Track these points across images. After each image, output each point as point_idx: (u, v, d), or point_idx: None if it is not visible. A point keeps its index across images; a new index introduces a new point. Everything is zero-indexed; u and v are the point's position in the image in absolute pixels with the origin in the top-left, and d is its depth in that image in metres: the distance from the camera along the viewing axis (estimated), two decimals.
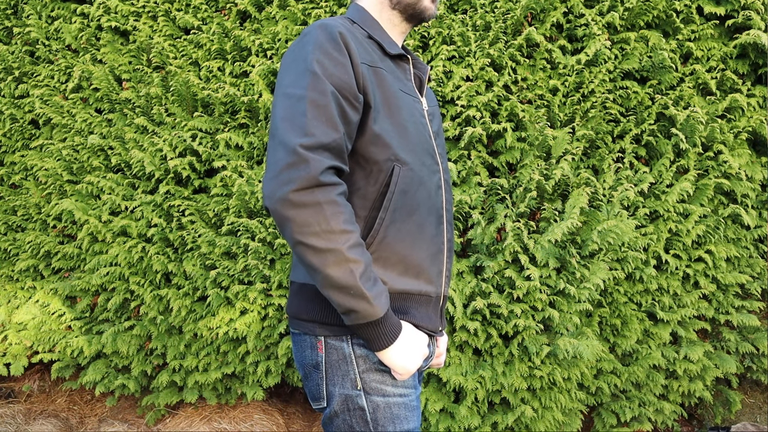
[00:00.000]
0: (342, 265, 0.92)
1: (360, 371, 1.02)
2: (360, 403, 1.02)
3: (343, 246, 0.92)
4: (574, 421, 2.48)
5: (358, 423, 1.02)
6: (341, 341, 1.03)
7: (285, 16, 2.57)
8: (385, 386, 1.03)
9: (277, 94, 1.01)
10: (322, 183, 0.92)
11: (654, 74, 2.41)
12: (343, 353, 1.03)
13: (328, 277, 0.93)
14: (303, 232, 0.91)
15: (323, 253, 0.92)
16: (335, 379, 1.03)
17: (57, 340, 2.78)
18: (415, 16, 1.23)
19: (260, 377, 2.68)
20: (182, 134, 2.56)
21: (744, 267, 2.51)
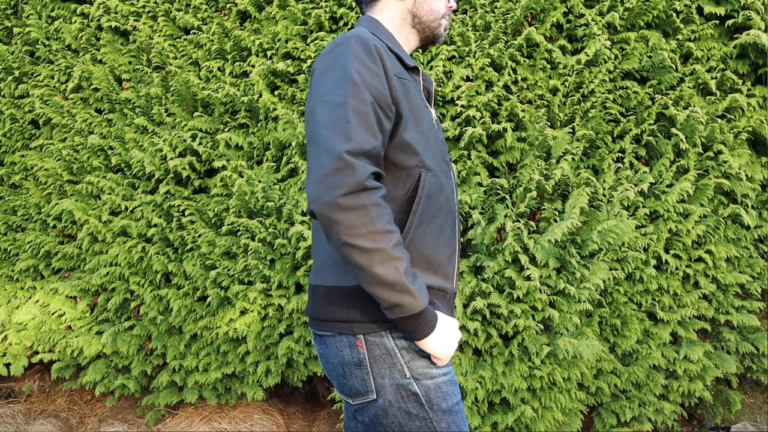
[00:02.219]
0: (388, 263, 0.99)
1: (405, 361, 1.10)
2: (413, 389, 1.10)
3: (388, 245, 0.99)
4: (574, 421, 2.48)
5: (414, 407, 1.10)
6: (381, 337, 1.10)
7: (285, 16, 2.57)
8: (430, 369, 1.11)
9: (315, 101, 1.06)
10: (367, 187, 0.98)
11: (654, 74, 2.41)
12: (385, 348, 1.10)
13: (375, 275, 0.99)
14: (350, 234, 0.97)
15: (370, 252, 0.98)
16: (383, 372, 1.10)
17: (57, 340, 2.78)
18: (429, 38, 1.34)
19: (260, 377, 2.67)
20: (182, 134, 2.56)
21: (744, 267, 2.51)
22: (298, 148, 2.48)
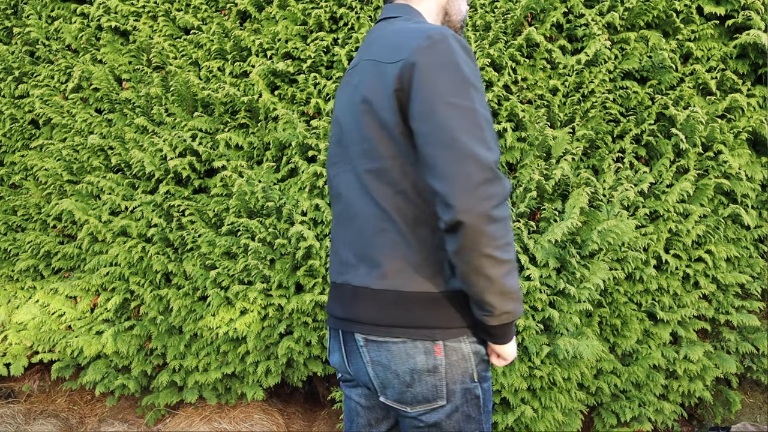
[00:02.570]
0: (513, 273, 1.01)
1: (475, 365, 1.12)
2: (476, 393, 1.12)
3: (514, 256, 1.01)
4: (574, 421, 2.48)
5: (474, 410, 1.13)
6: (459, 342, 1.09)
7: (285, 16, 2.57)
8: (487, 373, 1.16)
9: (437, 102, 1.00)
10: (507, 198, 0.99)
11: (654, 74, 2.41)
12: (462, 353, 1.10)
13: (503, 286, 1.00)
14: (492, 245, 0.96)
15: (503, 263, 0.98)
16: (455, 377, 1.10)
17: (57, 340, 2.78)
18: None
19: (260, 377, 2.67)
20: (182, 134, 2.56)
21: (744, 267, 2.51)
22: (298, 148, 2.48)
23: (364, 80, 1.13)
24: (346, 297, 1.16)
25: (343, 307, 1.16)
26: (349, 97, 1.19)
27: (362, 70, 1.15)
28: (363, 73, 1.15)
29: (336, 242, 1.23)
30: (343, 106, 1.22)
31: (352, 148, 1.16)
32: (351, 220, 1.16)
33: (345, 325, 1.16)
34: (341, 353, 1.21)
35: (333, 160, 1.25)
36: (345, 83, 1.24)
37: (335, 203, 1.24)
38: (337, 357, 1.24)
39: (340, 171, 1.21)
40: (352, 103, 1.16)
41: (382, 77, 1.08)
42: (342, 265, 1.19)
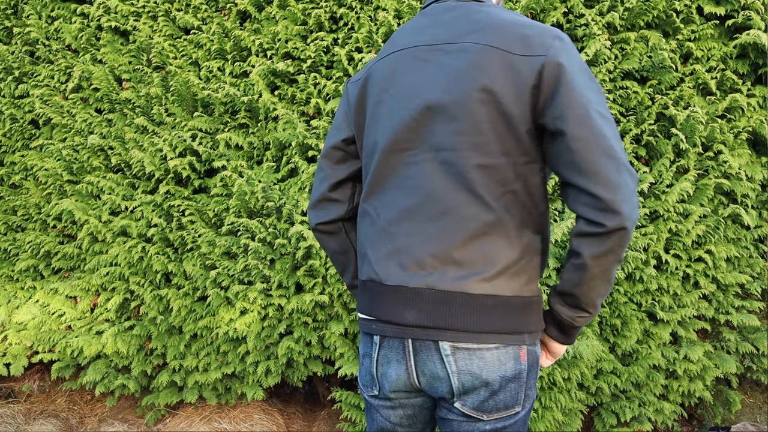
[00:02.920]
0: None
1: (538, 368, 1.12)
2: (533, 396, 1.12)
3: None
4: (574, 421, 2.48)
5: (528, 413, 1.12)
6: (535, 345, 1.09)
7: (285, 16, 2.57)
8: None
9: (590, 108, 0.98)
10: None
11: (654, 74, 2.41)
12: (536, 355, 1.10)
13: (609, 289, 1.06)
14: (624, 252, 1.02)
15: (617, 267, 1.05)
16: (531, 382, 1.09)
17: (57, 340, 2.78)
18: None
19: (260, 377, 2.68)
20: (182, 134, 2.56)
21: (744, 267, 2.51)
22: (298, 148, 2.48)
23: (484, 67, 1.02)
24: (425, 302, 1.05)
25: (419, 313, 1.05)
26: (446, 79, 1.05)
27: (475, 54, 1.04)
28: (479, 59, 1.03)
29: (399, 239, 1.08)
30: (427, 85, 1.07)
31: (449, 137, 1.04)
32: (437, 216, 1.05)
33: (422, 333, 1.06)
34: (405, 364, 1.09)
35: (400, 145, 1.09)
36: (421, 60, 1.09)
37: (402, 195, 1.09)
38: (394, 369, 1.11)
39: (416, 160, 1.08)
40: (458, 89, 1.03)
41: (513, 69, 1.01)
42: (414, 266, 1.06)
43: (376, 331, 1.11)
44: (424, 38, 1.11)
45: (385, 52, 1.18)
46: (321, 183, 1.26)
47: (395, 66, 1.13)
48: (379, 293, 1.10)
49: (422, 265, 1.06)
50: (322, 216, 1.26)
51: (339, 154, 1.24)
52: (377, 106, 1.14)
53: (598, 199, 0.97)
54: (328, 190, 1.25)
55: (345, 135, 1.23)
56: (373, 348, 1.13)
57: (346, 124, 1.23)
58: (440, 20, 1.12)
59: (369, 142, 1.16)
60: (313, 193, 1.27)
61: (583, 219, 1.00)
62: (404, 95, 1.10)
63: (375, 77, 1.16)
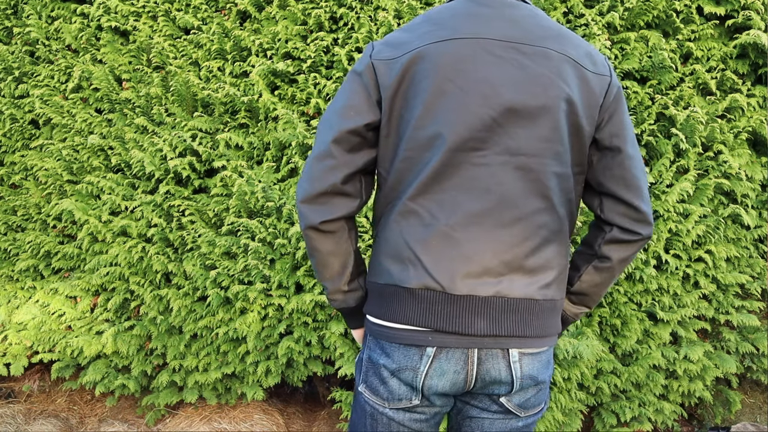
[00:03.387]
0: None
1: None
2: None
3: None
4: (574, 421, 2.48)
5: None
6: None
7: (285, 16, 2.57)
8: None
9: (633, 132, 1.13)
10: None
11: (654, 74, 2.41)
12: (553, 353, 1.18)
13: None
14: None
15: None
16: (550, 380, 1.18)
17: (57, 340, 2.78)
18: None
19: (260, 377, 2.68)
20: (182, 134, 2.56)
21: (744, 267, 2.51)
22: (298, 148, 2.48)
23: (565, 78, 1.03)
24: (496, 311, 1.02)
25: (491, 323, 1.02)
26: (530, 83, 1.02)
27: (557, 63, 1.03)
28: (558, 67, 1.03)
29: (467, 245, 1.02)
30: (509, 86, 1.02)
31: (530, 143, 1.02)
32: (510, 223, 1.03)
33: (492, 342, 1.03)
34: (465, 374, 1.05)
35: (471, 144, 1.02)
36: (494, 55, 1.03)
37: (469, 197, 1.03)
38: (449, 379, 1.05)
39: (486, 161, 1.02)
40: (545, 95, 1.02)
41: (586, 85, 1.05)
42: (484, 274, 1.02)
43: (433, 343, 1.03)
44: (492, 32, 1.03)
45: (438, 35, 1.04)
46: (330, 173, 1.05)
47: (461, 55, 1.02)
48: (441, 302, 1.02)
49: (492, 273, 1.02)
50: (328, 212, 1.07)
51: (356, 140, 1.07)
52: (439, 96, 1.02)
53: (638, 211, 1.08)
54: (341, 182, 1.06)
55: (369, 119, 1.06)
56: (423, 361, 1.04)
57: (368, 106, 1.06)
58: (505, 15, 1.06)
59: (424, 134, 1.03)
60: (313, 183, 1.06)
61: (618, 227, 1.10)
62: (479, 91, 1.01)
63: (431, 62, 1.02)
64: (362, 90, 1.07)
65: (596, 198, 1.13)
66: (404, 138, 1.05)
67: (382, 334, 1.08)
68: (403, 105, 1.05)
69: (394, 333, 1.06)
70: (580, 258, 1.19)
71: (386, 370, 1.07)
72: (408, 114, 1.04)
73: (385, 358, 1.07)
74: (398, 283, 1.05)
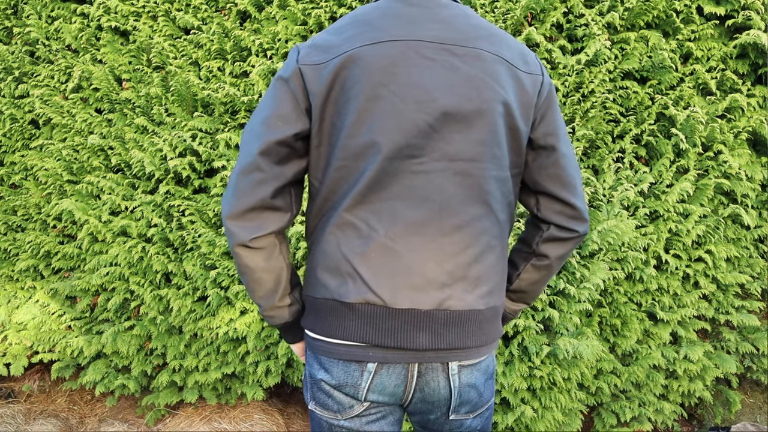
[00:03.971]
0: None
1: None
2: None
3: None
4: (574, 421, 2.48)
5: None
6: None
7: (285, 16, 2.57)
8: None
9: (565, 129, 1.12)
10: None
11: (654, 74, 2.41)
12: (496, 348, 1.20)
13: None
14: None
15: None
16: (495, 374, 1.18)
17: (57, 340, 2.78)
18: None
19: (260, 377, 2.68)
20: (182, 134, 2.56)
21: (744, 267, 2.51)
22: None
23: (498, 79, 1.00)
24: (438, 323, 0.99)
25: (433, 336, 0.99)
26: (465, 85, 0.99)
27: (490, 64, 1.00)
28: (491, 68, 1.00)
29: (407, 256, 0.98)
30: (443, 89, 0.98)
31: (468, 147, 0.99)
32: (451, 231, 1.00)
33: (433, 356, 1.01)
34: (404, 387, 1.03)
35: (408, 152, 0.98)
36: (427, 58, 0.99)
37: (408, 207, 0.99)
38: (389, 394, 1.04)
39: (425, 169, 0.98)
40: (480, 98, 0.99)
41: (520, 85, 1.03)
42: (427, 285, 0.99)
43: (374, 359, 1.00)
44: (423, 33, 0.99)
45: (368, 37, 0.99)
46: (258, 187, 0.99)
47: (393, 58, 0.97)
48: (382, 317, 0.98)
49: (435, 284, 0.99)
50: (257, 229, 1.00)
51: (285, 151, 1.00)
52: (372, 102, 0.97)
53: (574, 208, 1.09)
54: (271, 196, 0.99)
55: (298, 128, 1.00)
56: (364, 377, 1.01)
57: (297, 114, 1.00)
58: (436, 15, 1.02)
59: (357, 142, 0.98)
60: (241, 199, 0.99)
61: (555, 225, 1.10)
62: (413, 96, 0.97)
63: (362, 66, 0.97)
64: (290, 97, 1.00)
65: (532, 197, 1.12)
66: (337, 147, 0.99)
67: (320, 348, 1.05)
68: (335, 112, 0.99)
69: (333, 348, 1.03)
70: (518, 256, 1.17)
71: (327, 384, 1.05)
72: (340, 121, 0.99)
73: (324, 373, 1.05)
74: (336, 297, 1.00)
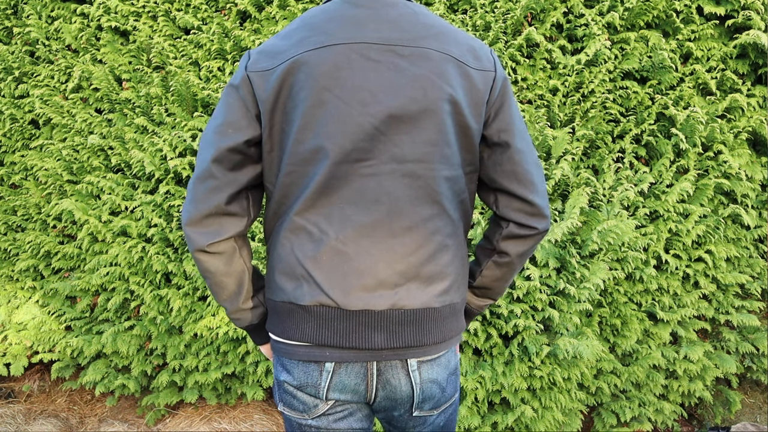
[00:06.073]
0: None
1: None
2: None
3: None
4: (574, 421, 2.48)
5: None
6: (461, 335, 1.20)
7: (285, 16, 2.57)
8: None
9: (523, 124, 1.10)
10: None
11: (654, 74, 2.41)
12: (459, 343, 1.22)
13: None
14: None
15: None
16: (458, 368, 1.19)
17: (57, 340, 2.78)
18: None
19: (260, 377, 2.68)
20: (182, 134, 2.56)
21: (744, 267, 2.51)
22: None
23: (447, 78, 1.00)
24: (393, 323, 1.01)
25: (389, 335, 1.01)
26: (410, 86, 0.99)
27: (437, 62, 1.00)
28: (439, 67, 1.00)
29: (358, 258, 1.00)
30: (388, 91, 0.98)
31: (416, 149, 1.00)
32: (402, 232, 1.01)
33: (391, 354, 1.03)
34: (366, 386, 1.05)
35: (355, 155, 0.99)
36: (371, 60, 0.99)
37: (357, 210, 1.00)
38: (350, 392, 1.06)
39: (373, 171, 1.00)
40: (426, 98, 0.99)
41: (470, 82, 1.02)
42: (379, 287, 1.01)
43: (331, 359, 1.02)
44: (368, 35, 0.99)
45: (314, 42, 0.99)
46: (212, 194, 1.00)
47: (337, 62, 0.97)
48: (336, 318, 1.00)
49: (387, 285, 1.01)
50: (215, 234, 1.02)
51: (237, 158, 1.01)
52: (317, 107, 0.97)
53: (532, 205, 1.07)
54: (225, 203, 1.01)
55: (249, 135, 1.01)
56: (323, 377, 1.03)
57: (247, 121, 1.01)
58: (382, 16, 1.01)
59: (305, 147, 0.99)
60: (197, 205, 1.01)
61: (515, 223, 1.09)
62: (358, 99, 0.97)
63: (307, 71, 0.97)
64: (240, 104, 1.01)
65: (491, 194, 1.12)
66: (286, 152, 1.01)
67: (282, 350, 1.08)
68: (283, 118, 1.00)
69: (293, 349, 1.05)
70: (481, 252, 1.18)
71: (289, 386, 1.07)
72: (288, 127, 1.00)
73: (287, 374, 1.07)
74: (293, 300, 1.03)
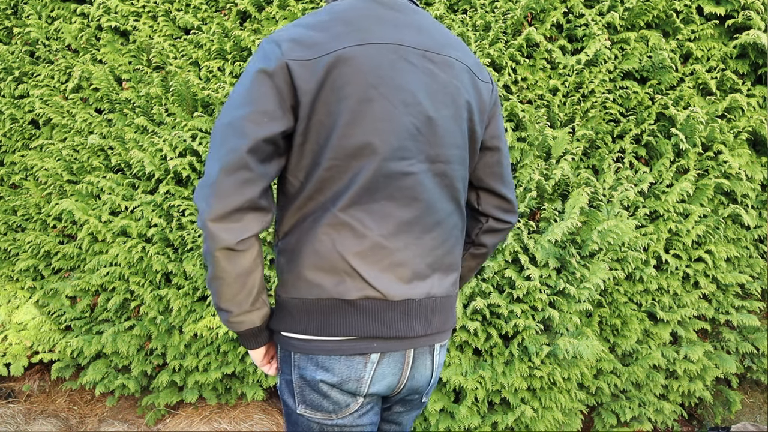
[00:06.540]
0: None
1: None
2: None
3: None
4: (574, 421, 2.48)
5: None
6: None
7: (285, 16, 2.57)
8: None
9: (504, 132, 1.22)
10: None
11: (654, 74, 2.41)
12: None
13: None
14: None
15: None
16: None
17: (57, 340, 2.78)
18: None
19: (260, 377, 2.68)
20: (182, 134, 2.56)
21: (744, 267, 2.51)
22: None
23: (465, 86, 1.09)
24: (427, 311, 1.07)
25: (425, 323, 1.07)
26: (441, 92, 1.05)
27: (457, 72, 1.07)
28: (460, 76, 1.08)
29: (397, 253, 1.03)
30: (425, 95, 1.03)
31: (445, 150, 1.06)
32: (431, 227, 1.07)
33: (425, 341, 1.09)
34: (400, 374, 1.09)
35: (399, 154, 1.01)
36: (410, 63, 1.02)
37: (397, 206, 1.03)
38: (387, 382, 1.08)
39: (413, 170, 1.03)
40: (453, 104, 1.06)
41: (479, 92, 1.13)
42: (414, 277, 1.05)
43: (378, 350, 1.03)
44: (406, 38, 1.02)
45: (355, 38, 0.98)
46: (245, 186, 0.94)
47: (381, 61, 0.98)
48: (383, 310, 1.02)
49: (420, 276, 1.07)
50: (244, 230, 0.95)
51: (270, 149, 0.97)
52: (365, 104, 0.97)
53: (509, 202, 1.23)
54: (258, 196, 0.96)
55: (284, 126, 0.96)
56: (368, 368, 1.04)
57: (282, 111, 0.96)
58: (413, 21, 1.05)
59: (351, 142, 0.97)
60: (225, 200, 0.93)
61: (493, 218, 1.23)
62: (401, 99, 0.99)
63: (353, 66, 0.96)
64: (274, 93, 0.95)
65: (473, 192, 1.23)
66: (328, 146, 0.98)
67: (319, 348, 1.04)
68: (325, 111, 0.97)
69: (336, 346, 1.03)
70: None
71: (326, 384, 1.04)
72: (330, 121, 0.97)
73: (324, 372, 1.04)
74: (336, 296, 1.01)
